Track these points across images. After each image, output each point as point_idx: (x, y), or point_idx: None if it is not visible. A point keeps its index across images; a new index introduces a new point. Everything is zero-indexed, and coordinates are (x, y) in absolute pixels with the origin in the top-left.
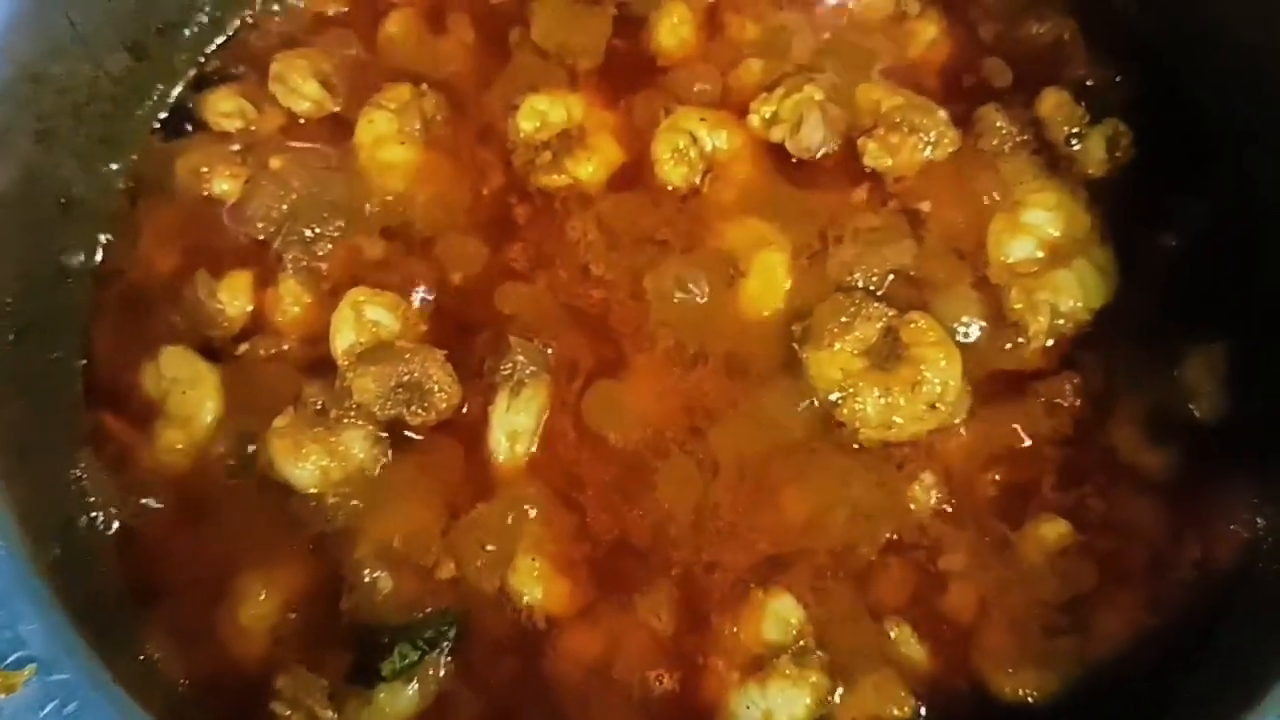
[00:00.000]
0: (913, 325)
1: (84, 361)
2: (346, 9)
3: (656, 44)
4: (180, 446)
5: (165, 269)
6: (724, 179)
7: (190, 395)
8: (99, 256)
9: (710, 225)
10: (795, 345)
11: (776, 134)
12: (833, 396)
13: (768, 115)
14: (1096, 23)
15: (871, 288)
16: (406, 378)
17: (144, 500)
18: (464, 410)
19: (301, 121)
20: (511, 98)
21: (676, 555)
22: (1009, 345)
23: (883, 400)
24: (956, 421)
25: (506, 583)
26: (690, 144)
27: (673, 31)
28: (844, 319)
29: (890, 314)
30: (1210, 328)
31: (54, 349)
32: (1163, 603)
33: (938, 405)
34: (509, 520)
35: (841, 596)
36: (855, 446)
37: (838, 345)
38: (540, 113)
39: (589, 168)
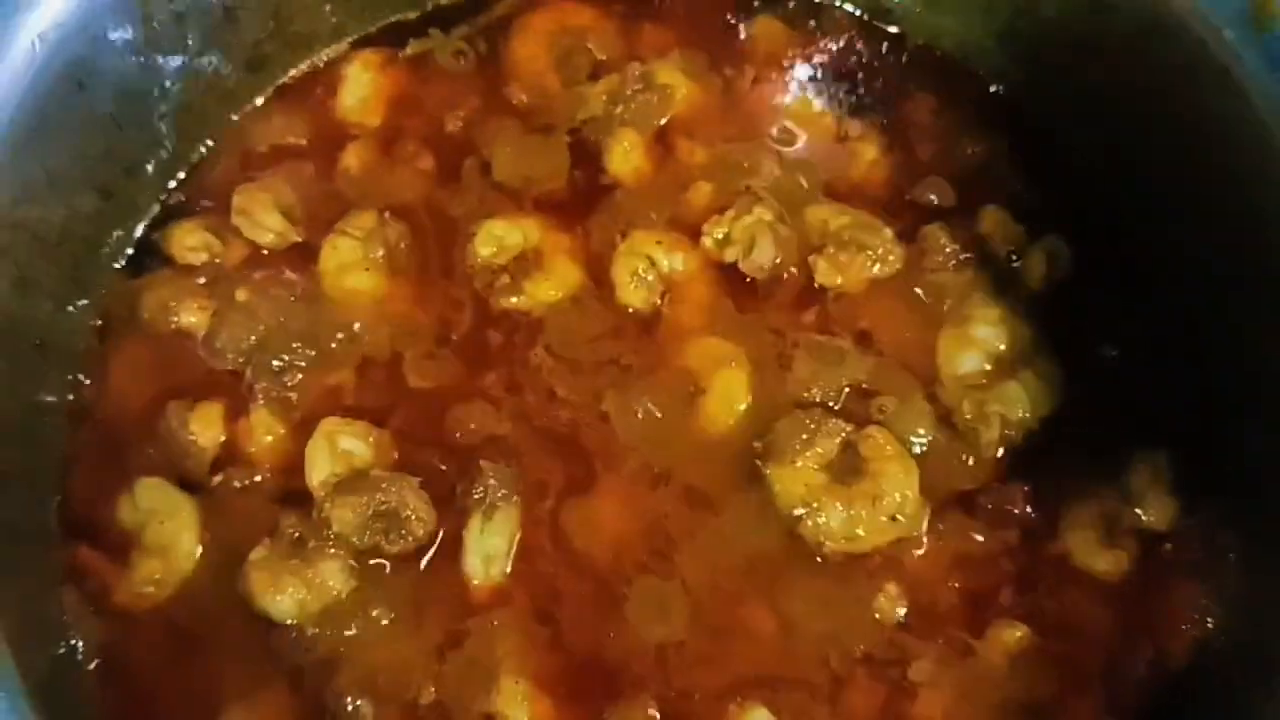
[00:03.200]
0: (870, 440)
1: (59, 497)
2: (305, 141)
3: (610, 169)
4: (159, 578)
5: (138, 403)
6: (682, 300)
7: (167, 526)
8: (72, 394)
9: (671, 345)
10: (758, 462)
11: (730, 254)
12: (797, 512)
13: (720, 236)
14: (1030, 143)
15: (829, 403)
16: (383, 506)
17: (124, 634)
18: (439, 535)
19: (265, 252)
20: (469, 224)
21: (651, 675)
22: (962, 456)
23: (845, 514)
24: (916, 533)
25: (492, 706)
26: (648, 267)
27: (624, 157)
28: (804, 436)
29: (848, 429)
30: (1154, 435)
31: (31, 488)
32: (1121, 704)
33: (898, 517)
34: (489, 642)
35: (815, 711)
36: (819, 560)
37: (799, 462)
38: (497, 237)
39: (547, 288)
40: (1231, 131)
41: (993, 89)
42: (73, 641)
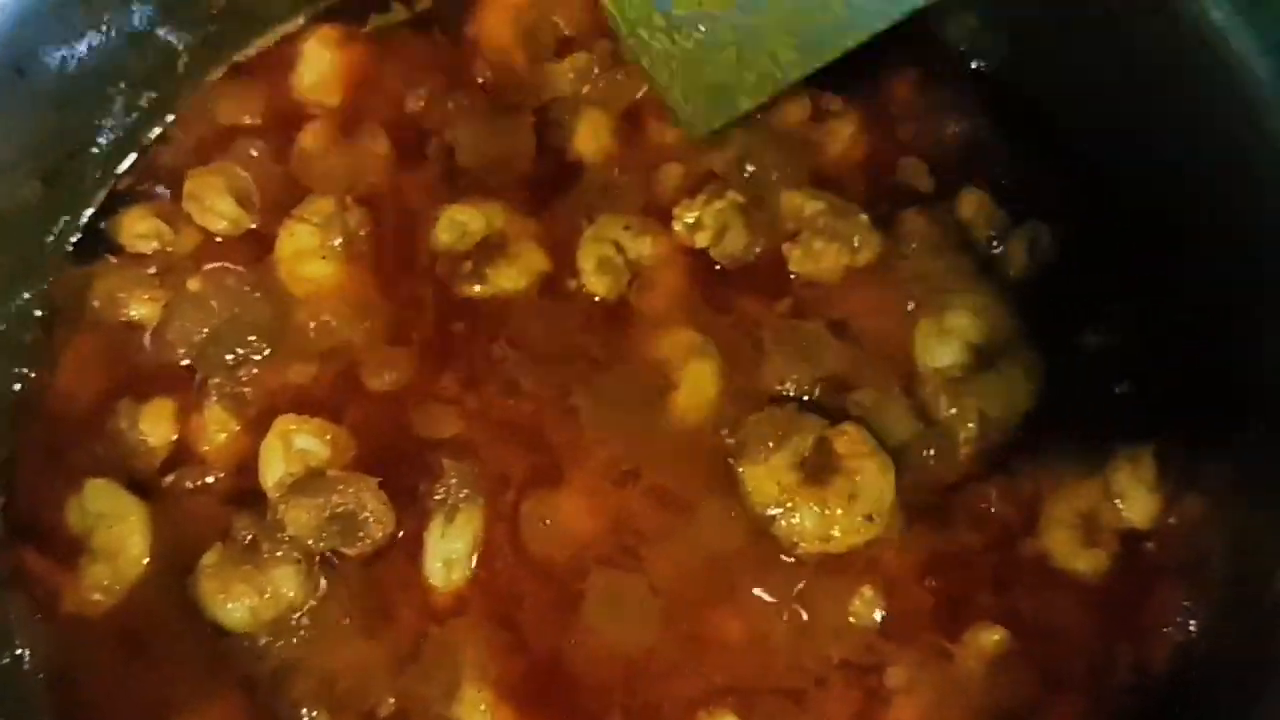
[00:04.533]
0: (845, 436)
1: (3, 498)
2: (260, 121)
3: (576, 150)
4: (108, 584)
5: (86, 399)
6: (650, 287)
7: (116, 530)
8: (16, 389)
9: (639, 335)
10: (730, 459)
11: (700, 240)
12: (770, 511)
13: (691, 221)
14: (1015, 121)
15: (803, 397)
16: (340, 508)
17: (72, 642)
18: (399, 536)
19: (218, 240)
20: (431, 209)
21: (617, 683)
22: (939, 452)
23: (820, 514)
24: (892, 533)
25: (453, 715)
26: (615, 253)
27: (592, 138)
28: (778, 432)
29: (823, 425)
30: (1138, 430)
31: None
32: (1103, 710)
33: (874, 516)
34: (451, 649)
35: (786, 718)
36: (791, 561)
37: (773, 460)
38: (460, 224)
39: (511, 276)
40: (1221, 108)
41: (974, 65)
42: (18, 650)
